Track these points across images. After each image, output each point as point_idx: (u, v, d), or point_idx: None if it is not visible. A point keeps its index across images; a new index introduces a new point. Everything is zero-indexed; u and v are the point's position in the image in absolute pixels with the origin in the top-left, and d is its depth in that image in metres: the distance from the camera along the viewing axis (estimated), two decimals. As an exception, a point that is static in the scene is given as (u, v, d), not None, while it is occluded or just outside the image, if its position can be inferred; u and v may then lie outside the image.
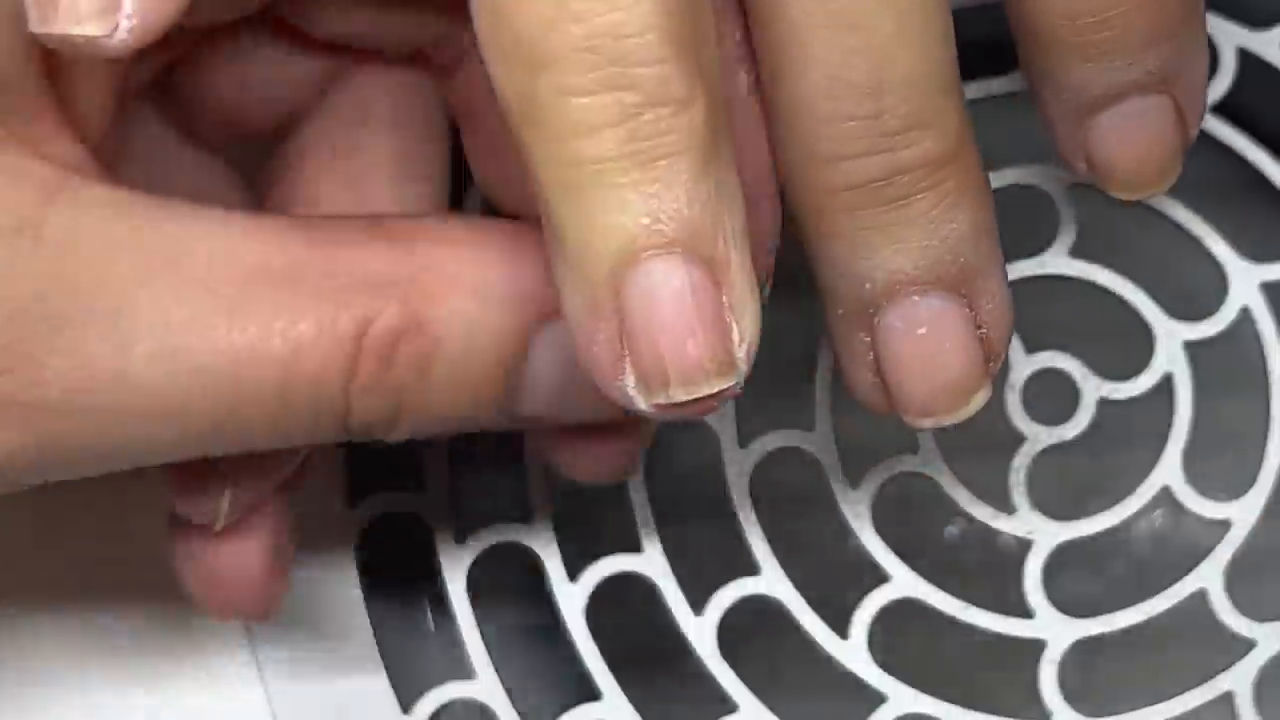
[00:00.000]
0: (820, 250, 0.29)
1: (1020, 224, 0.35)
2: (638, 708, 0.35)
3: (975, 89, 0.36)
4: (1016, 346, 0.36)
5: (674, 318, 0.26)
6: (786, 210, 0.30)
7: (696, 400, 0.26)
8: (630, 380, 0.26)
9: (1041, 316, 0.36)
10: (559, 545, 0.36)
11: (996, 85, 0.36)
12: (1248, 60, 0.37)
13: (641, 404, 0.26)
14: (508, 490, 0.36)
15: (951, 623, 0.35)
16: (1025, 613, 0.35)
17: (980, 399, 0.30)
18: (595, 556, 0.35)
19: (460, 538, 0.36)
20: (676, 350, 0.26)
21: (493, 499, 0.36)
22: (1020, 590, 0.35)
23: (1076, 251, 0.36)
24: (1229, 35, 0.37)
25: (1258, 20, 0.37)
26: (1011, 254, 0.36)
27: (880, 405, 0.30)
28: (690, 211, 0.26)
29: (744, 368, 0.26)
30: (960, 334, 0.29)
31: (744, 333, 0.26)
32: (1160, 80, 0.31)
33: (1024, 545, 0.35)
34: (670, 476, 0.36)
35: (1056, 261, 0.36)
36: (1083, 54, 0.30)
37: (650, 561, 0.35)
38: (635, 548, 0.35)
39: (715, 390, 0.26)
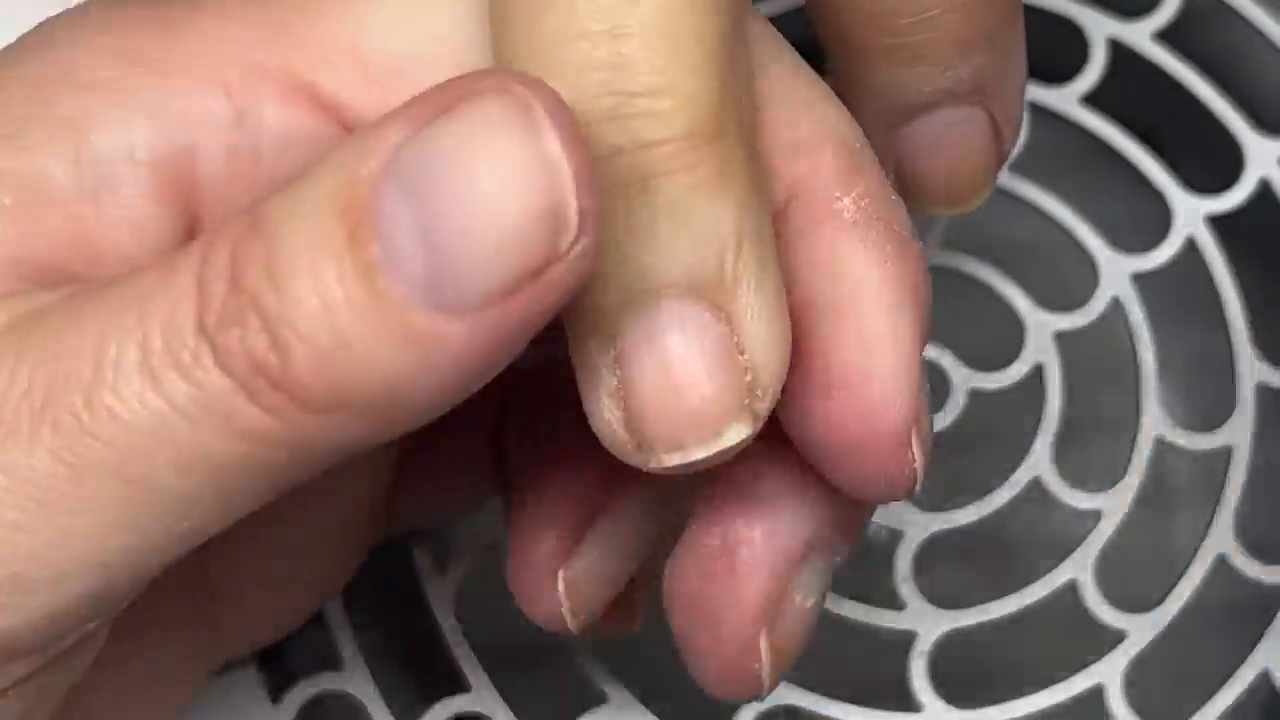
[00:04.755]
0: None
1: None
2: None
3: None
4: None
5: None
6: None
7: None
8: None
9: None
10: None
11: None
12: (1119, 50, 0.37)
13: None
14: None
15: (821, 614, 0.34)
16: (896, 604, 0.34)
17: (735, 434, 0.24)
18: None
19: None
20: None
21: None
22: (891, 581, 0.35)
23: (947, 242, 0.36)
24: (1100, 25, 0.37)
25: (1128, 10, 0.37)
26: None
27: (620, 441, 0.24)
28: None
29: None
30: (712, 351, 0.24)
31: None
32: (974, 90, 0.29)
33: (894, 536, 0.35)
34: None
35: (928, 252, 0.36)
36: (893, 58, 0.28)
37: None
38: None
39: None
